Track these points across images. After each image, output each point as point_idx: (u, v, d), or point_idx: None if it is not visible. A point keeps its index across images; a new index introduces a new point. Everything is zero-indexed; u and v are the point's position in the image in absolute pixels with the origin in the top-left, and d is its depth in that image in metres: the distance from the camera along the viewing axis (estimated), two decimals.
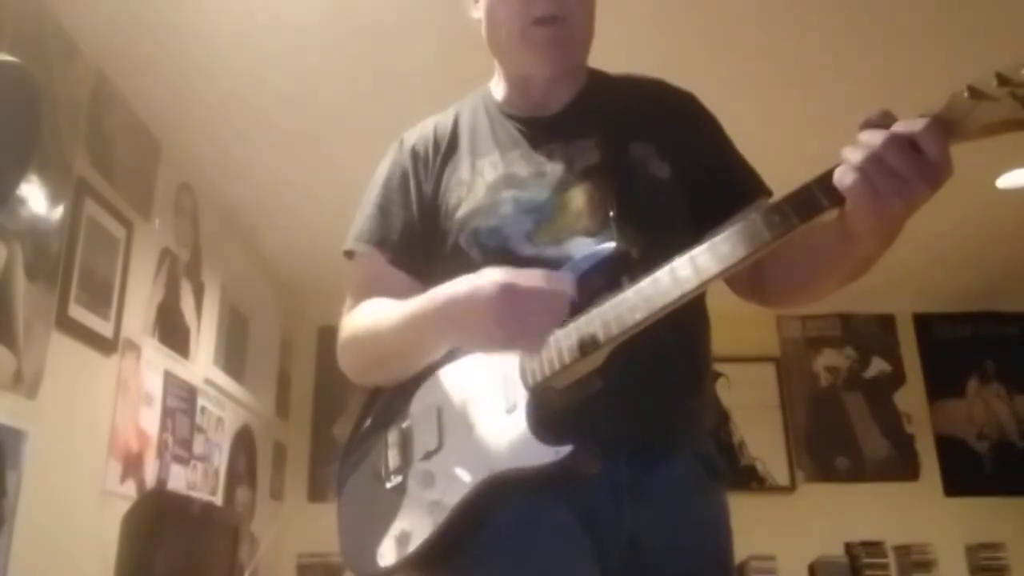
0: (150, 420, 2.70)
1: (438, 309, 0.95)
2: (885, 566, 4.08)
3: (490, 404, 0.97)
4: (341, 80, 2.56)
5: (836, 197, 0.81)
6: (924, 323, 4.67)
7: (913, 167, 0.76)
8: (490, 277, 0.91)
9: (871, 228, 0.83)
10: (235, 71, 2.53)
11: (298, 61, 2.50)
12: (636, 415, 0.99)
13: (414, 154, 1.19)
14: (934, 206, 0.80)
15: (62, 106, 2.25)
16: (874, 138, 0.78)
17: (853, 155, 0.79)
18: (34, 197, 2.09)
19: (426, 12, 2.25)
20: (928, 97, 0.78)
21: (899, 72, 2.54)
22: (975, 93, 0.75)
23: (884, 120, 0.79)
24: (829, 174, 0.81)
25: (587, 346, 0.91)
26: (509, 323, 0.88)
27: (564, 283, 0.91)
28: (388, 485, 1.03)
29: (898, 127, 0.77)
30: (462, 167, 1.15)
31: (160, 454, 2.75)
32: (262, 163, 3.07)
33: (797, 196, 0.83)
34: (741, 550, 4.12)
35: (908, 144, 0.76)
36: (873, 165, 0.77)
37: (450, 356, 1.03)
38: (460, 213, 1.10)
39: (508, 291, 0.89)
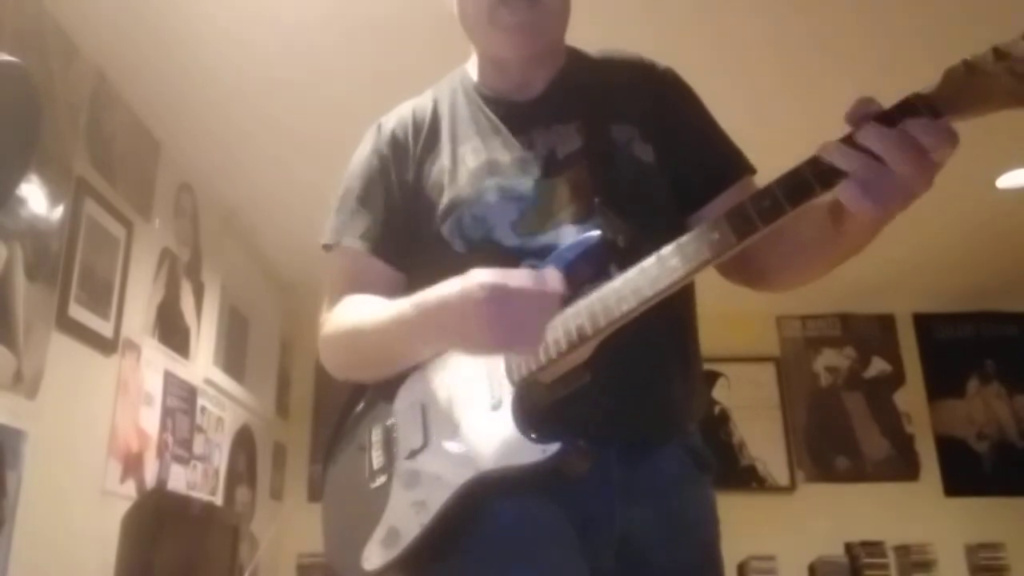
0: (150, 420, 2.69)
1: (427, 315, 0.92)
2: (885, 566, 4.08)
3: (475, 400, 0.95)
4: (342, 79, 2.56)
5: (828, 181, 0.78)
6: (924, 323, 4.67)
7: (912, 167, 0.74)
8: (478, 279, 0.87)
9: (864, 224, 0.82)
10: (235, 71, 2.53)
11: (298, 61, 2.50)
12: (626, 408, 0.98)
13: (393, 140, 1.15)
14: (934, 206, 0.80)
15: (62, 106, 2.25)
16: (870, 139, 0.75)
17: (846, 158, 0.76)
18: (34, 197, 2.09)
19: (427, 10, 2.25)
20: (919, 83, 0.76)
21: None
22: (971, 68, 0.73)
23: (866, 108, 0.77)
24: (820, 157, 0.78)
25: (575, 339, 0.89)
26: (501, 327, 0.85)
27: (553, 281, 0.88)
28: (372, 485, 1.00)
29: (906, 128, 0.74)
30: (443, 154, 1.11)
31: (160, 454, 2.75)
32: (262, 163, 3.08)
33: (788, 180, 0.80)
34: (741, 550, 4.10)
35: (908, 144, 0.74)
36: (870, 168, 0.74)
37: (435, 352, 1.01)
38: (443, 202, 1.07)
39: (498, 294, 0.85)
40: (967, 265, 4.11)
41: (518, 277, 0.87)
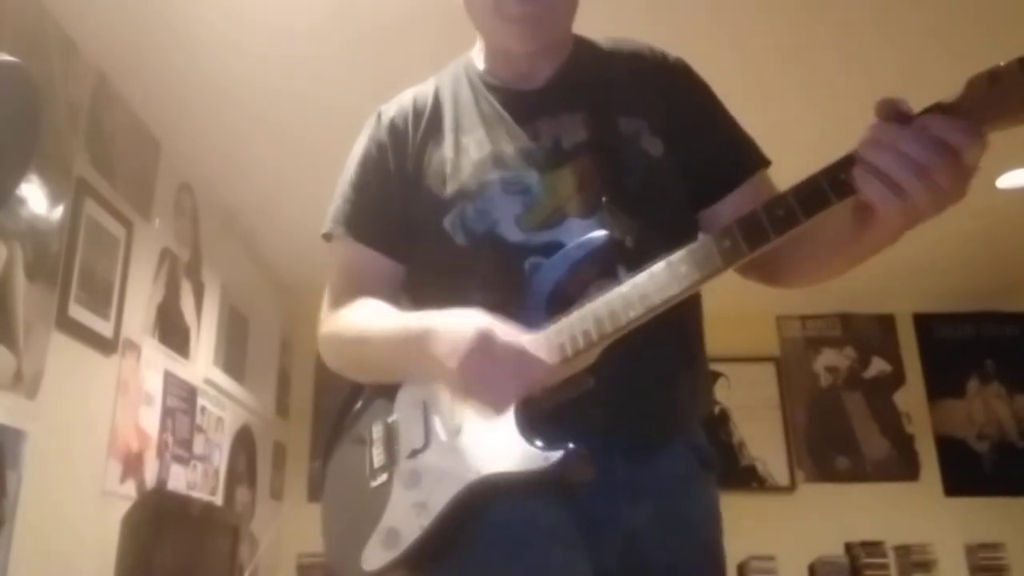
0: (150, 420, 2.69)
1: (416, 340, 0.93)
2: (885, 566, 4.08)
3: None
4: (341, 80, 2.56)
5: (845, 191, 0.76)
6: (924, 323, 4.67)
7: (955, 180, 0.72)
8: (474, 323, 0.87)
9: (891, 229, 0.80)
10: (235, 71, 2.53)
11: (298, 61, 2.50)
12: (630, 410, 0.97)
13: (392, 129, 1.12)
14: None
15: (62, 106, 2.25)
16: (923, 153, 0.71)
17: (879, 158, 0.73)
18: (34, 197, 2.09)
19: (426, 13, 2.25)
20: (933, 82, 0.74)
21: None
22: (995, 78, 0.70)
23: (897, 109, 0.74)
24: (838, 166, 0.77)
25: (580, 344, 0.88)
26: (473, 376, 0.86)
27: (544, 368, 0.87)
28: (373, 484, 0.99)
29: (944, 136, 0.71)
30: (445, 143, 1.08)
31: (160, 454, 2.75)
32: (262, 163, 3.07)
33: (804, 189, 0.78)
34: (741, 550, 4.10)
35: (954, 155, 0.71)
36: (920, 184, 0.72)
37: None
38: (445, 193, 1.04)
39: (483, 345, 0.86)
40: (967, 265, 4.10)
41: (513, 338, 0.87)
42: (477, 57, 1.18)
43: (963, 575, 4.14)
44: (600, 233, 0.92)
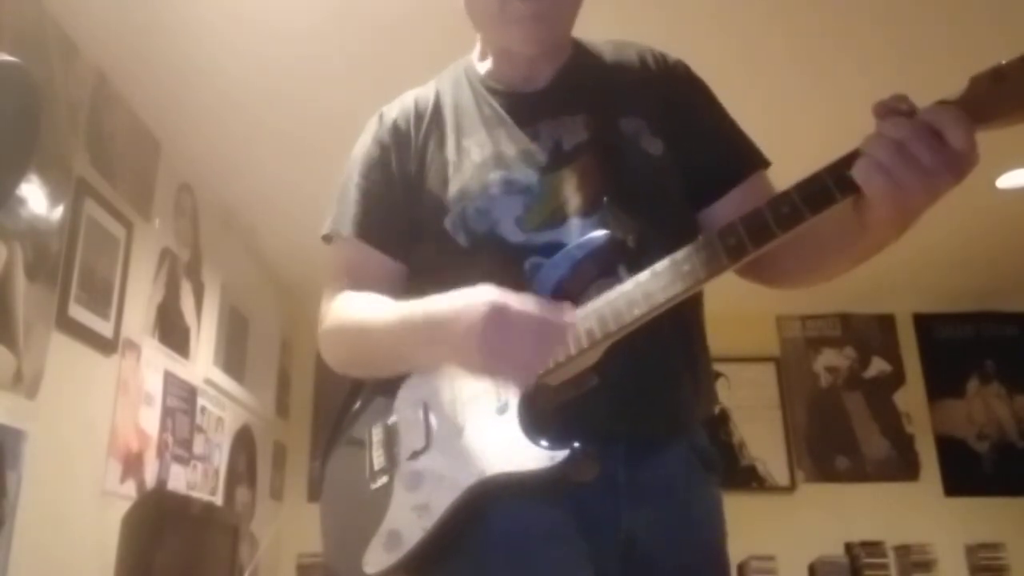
0: (150, 420, 2.69)
1: (427, 324, 0.91)
2: (885, 566, 4.08)
3: (480, 402, 0.93)
4: (341, 80, 2.56)
5: (850, 188, 0.76)
6: (924, 323, 4.67)
7: (940, 160, 0.72)
8: (484, 296, 0.86)
9: (890, 221, 0.80)
10: (235, 71, 2.53)
11: (298, 62, 2.50)
12: (633, 409, 0.96)
13: (395, 130, 1.13)
14: (934, 206, 0.79)
15: (62, 106, 2.25)
16: (898, 130, 0.73)
17: (875, 148, 0.74)
18: (34, 197, 2.09)
19: (426, 13, 2.25)
20: (938, 81, 0.75)
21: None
22: (999, 75, 0.70)
23: (899, 104, 0.75)
24: (842, 163, 0.77)
25: (584, 343, 0.87)
26: (493, 350, 0.84)
27: (565, 315, 0.86)
28: (373, 486, 0.98)
29: (925, 116, 0.73)
30: (447, 145, 1.09)
31: (160, 454, 2.75)
32: (262, 163, 3.07)
33: (808, 186, 0.78)
34: (741, 550, 4.10)
35: (934, 135, 0.72)
36: (898, 159, 0.73)
37: None
38: (446, 194, 1.05)
39: (498, 315, 0.84)
40: (967, 265, 4.10)
41: (526, 302, 0.85)
42: (477, 60, 1.18)
43: (963, 575, 4.14)
44: (601, 233, 0.92)
